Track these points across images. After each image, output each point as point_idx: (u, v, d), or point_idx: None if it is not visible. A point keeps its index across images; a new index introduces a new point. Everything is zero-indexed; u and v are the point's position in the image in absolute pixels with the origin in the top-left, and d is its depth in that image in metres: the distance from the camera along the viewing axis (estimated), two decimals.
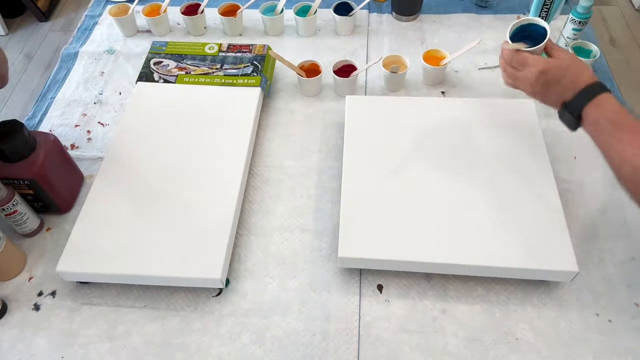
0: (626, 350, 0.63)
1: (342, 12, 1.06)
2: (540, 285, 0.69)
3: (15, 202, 0.70)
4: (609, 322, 0.66)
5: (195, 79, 0.91)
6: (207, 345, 0.66)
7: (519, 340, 0.65)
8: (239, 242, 0.75)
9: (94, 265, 0.68)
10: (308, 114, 0.93)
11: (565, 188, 0.78)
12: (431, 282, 0.70)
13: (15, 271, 0.73)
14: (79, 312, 0.69)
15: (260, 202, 0.80)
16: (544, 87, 0.65)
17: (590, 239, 0.73)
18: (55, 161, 0.74)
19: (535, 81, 0.65)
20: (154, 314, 0.69)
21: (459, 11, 1.13)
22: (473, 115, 0.82)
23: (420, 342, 0.65)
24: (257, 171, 0.84)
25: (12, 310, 0.70)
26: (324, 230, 0.76)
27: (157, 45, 0.97)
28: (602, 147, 0.61)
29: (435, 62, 0.94)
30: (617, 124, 0.59)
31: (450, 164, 0.75)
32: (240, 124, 0.84)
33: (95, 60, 1.06)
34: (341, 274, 0.72)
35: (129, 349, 0.66)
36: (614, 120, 0.59)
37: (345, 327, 0.67)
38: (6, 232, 0.74)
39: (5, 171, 0.70)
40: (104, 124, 0.93)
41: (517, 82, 0.69)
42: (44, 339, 0.67)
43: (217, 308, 0.69)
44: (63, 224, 0.79)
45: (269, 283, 0.71)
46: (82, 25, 1.15)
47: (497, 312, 0.67)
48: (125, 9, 1.10)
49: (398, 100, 0.88)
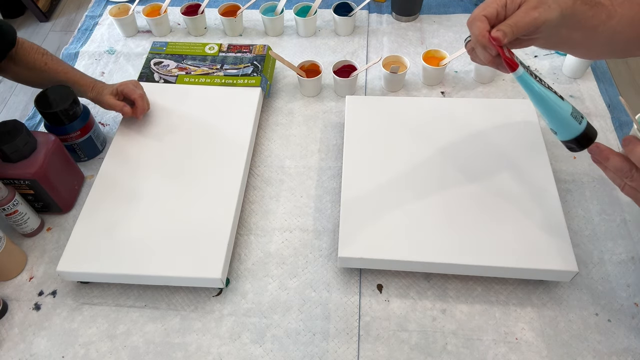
0: (626, 350, 0.63)
1: (342, 12, 1.06)
2: (539, 285, 0.69)
3: (16, 202, 0.70)
4: (608, 321, 0.66)
5: (195, 79, 0.91)
6: (207, 345, 0.66)
7: (519, 340, 0.65)
8: (239, 242, 0.75)
9: (94, 265, 0.68)
10: (308, 114, 0.93)
11: (565, 188, 0.79)
12: (431, 282, 0.70)
13: (15, 271, 0.73)
14: (80, 311, 0.70)
15: (260, 202, 0.80)
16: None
17: (590, 239, 0.73)
18: (55, 161, 0.74)
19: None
20: (155, 314, 0.69)
21: (459, 11, 1.13)
22: (473, 116, 0.82)
23: (419, 342, 0.65)
24: (257, 171, 0.84)
25: (12, 310, 0.70)
26: (324, 230, 0.76)
27: (158, 45, 0.97)
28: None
29: (435, 63, 0.95)
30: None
31: (450, 164, 0.75)
32: (240, 124, 0.84)
33: (95, 60, 1.06)
34: (341, 274, 0.72)
35: (129, 349, 0.66)
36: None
37: (345, 326, 0.67)
38: (7, 232, 0.74)
39: (6, 171, 0.70)
40: (105, 124, 0.94)
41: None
42: (44, 339, 0.67)
43: (217, 308, 0.69)
44: (63, 224, 0.79)
45: (269, 283, 0.71)
46: (82, 25, 1.16)
47: (496, 312, 0.67)
48: (125, 10, 1.10)
49: (398, 101, 0.88)
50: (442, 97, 0.94)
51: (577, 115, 0.55)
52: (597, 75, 0.96)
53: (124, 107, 0.81)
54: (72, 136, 0.81)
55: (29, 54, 0.82)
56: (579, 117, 0.55)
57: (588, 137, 0.55)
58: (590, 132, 0.55)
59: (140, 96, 0.83)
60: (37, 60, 0.82)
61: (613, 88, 0.94)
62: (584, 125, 0.55)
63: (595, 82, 0.95)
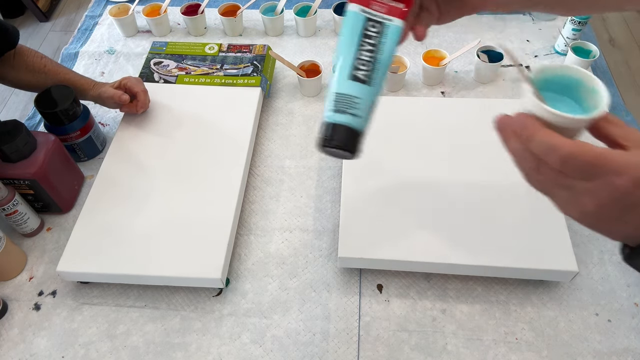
0: (626, 350, 0.63)
1: (342, 12, 1.06)
2: (539, 285, 0.69)
3: (16, 202, 0.70)
4: (608, 322, 0.66)
5: (195, 79, 0.91)
6: (207, 345, 0.66)
7: (519, 340, 0.65)
8: (239, 242, 0.75)
9: (94, 265, 0.68)
10: (308, 114, 0.93)
11: None
12: (431, 282, 0.70)
13: (15, 271, 0.73)
14: (80, 311, 0.70)
15: (260, 202, 0.80)
16: (624, 212, 0.35)
17: (590, 239, 0.73)
18: (55, 161, 0.74)
19: (616, 200, 0.34)
20: (154, 314, 0.69)
21: None
22: (473, 115, 0.82)
23: (419, 342, 0.65)
24: (257, 171, 0.84)
25: (12, 310, 0.70)
26: (324, 230, 0.76)
27: (157, 45, 0.97)
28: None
29: (435, 62, 0.95)
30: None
31: (450, 164, 0.75)
32: (240, 124, 0.84)
33: (95, 60, 1.06)
34: (341, 274, 0.72)
35: (129, 349, 0.66)
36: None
37: (345, 326, 0.67)
38: (7, 232, 0.74)
39: (6, 171, 0.70)
40: (105, 124, 0.94)
41: (564, 193, 0.38)
42: (44, 339, 0.67)
43: (217, 308, 0.69)
44: (63, 224, 0.79)
45: (269, 283, 0.71)
46: (82, 25, 1.16)
47: (496, 312, 0.67)
48: (125, 10, 1.10)
49: (398, 100, 0.88)
50: (442, 97, 0.94)
51: (362, 106, 0.45)
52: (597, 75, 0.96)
53: (122, 96, 0.81)
54: (72, 136, 0.81)
55: (27, 58, 0.82)
56: (362, 109, 0.45)
57: (332, 136, 0.45)
58: (338, 133, 0.45)
59: (142, 91, 0.83)
60: (36, 63, 0.82)
61: (613, 88, 0.94)
62: (346, 121, 0.45)
63: None
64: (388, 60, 0.47)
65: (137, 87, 0.83)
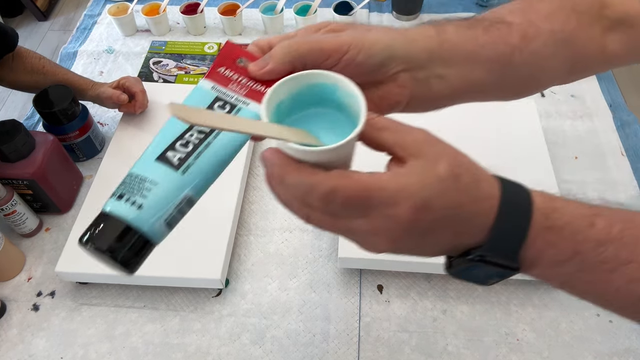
0: (627, 351, 0.63)
1: (342, 11, 1.06)
2: (540, 286, 0.69)
3: (14, 202, 0.70)
4: (609, 322, 0.66)
5: (194, 79, 0.91)
6: (207, 346, 0.66)
7: (520, 340, 0.65)
8: (239, 242, 0.75)
9: (93, 266, 0.67)
10: None
11: (566, 188, 0.78)
12: (431, 282, 0.70)
13: (14, 271, 0.73)
14: (79, 312, 0.69)
15: (260, 202, 0.80)
16: (422, 237, 0.32)
17: None
18: (54, 161, 0.74)
19: (406, 232, 0.30)
20: (154, 314, 0.69)
21: (460, 10, 1.12)
22: (473, 115, 0.81)
23: (420, 343, 0.65)
24: (257, 171, 0.84)
25: (11, 310, 0.70)
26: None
27: (157, 44, 0.97)
28: (592, 289, 0.34)
29: None
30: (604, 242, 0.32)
31: None
32: None
33: (94, 59, 1.06)
34: (341, 274, 0.71)
35: (128, 349, 0.66)
36: (597, 239, 0.32)
37: (345, 327, 0.66)
38: (5, 232, 0.73)
39: (4, 171, 0.70)
40: (103, 124, 0.93)
41: (351, 237, 0.35)
42: (43, 339, 0.67)
43: (216, 308, 0.69)
44: (62, 224, 0.78)
45: (269, 283, 0.71)
46: (81, 24, 1.15)
47: (497, 313, 0.67)
48: (124, 8, 1.10)
49: None
50: None
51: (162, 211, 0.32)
52: (598, 75, 0.96)
53: (121, 96, 0.81)
54: (71, 136, 0.81)
55: (26, 59, 0.83)
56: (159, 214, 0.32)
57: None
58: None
59: (141, 91, 0.83)
60: (34, 64, 0.83)
61: (615, 87, 0.94)
62: (123, 213, 0.32)
63: (597, 82, 0.94)
64: (226, 149, 0.35)
65: (135, 87, 0.83)
